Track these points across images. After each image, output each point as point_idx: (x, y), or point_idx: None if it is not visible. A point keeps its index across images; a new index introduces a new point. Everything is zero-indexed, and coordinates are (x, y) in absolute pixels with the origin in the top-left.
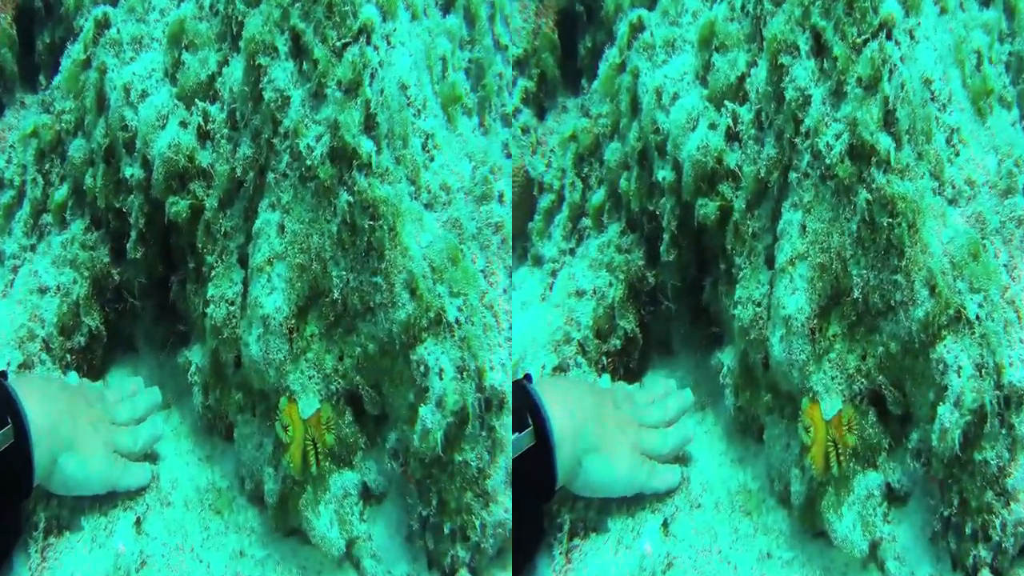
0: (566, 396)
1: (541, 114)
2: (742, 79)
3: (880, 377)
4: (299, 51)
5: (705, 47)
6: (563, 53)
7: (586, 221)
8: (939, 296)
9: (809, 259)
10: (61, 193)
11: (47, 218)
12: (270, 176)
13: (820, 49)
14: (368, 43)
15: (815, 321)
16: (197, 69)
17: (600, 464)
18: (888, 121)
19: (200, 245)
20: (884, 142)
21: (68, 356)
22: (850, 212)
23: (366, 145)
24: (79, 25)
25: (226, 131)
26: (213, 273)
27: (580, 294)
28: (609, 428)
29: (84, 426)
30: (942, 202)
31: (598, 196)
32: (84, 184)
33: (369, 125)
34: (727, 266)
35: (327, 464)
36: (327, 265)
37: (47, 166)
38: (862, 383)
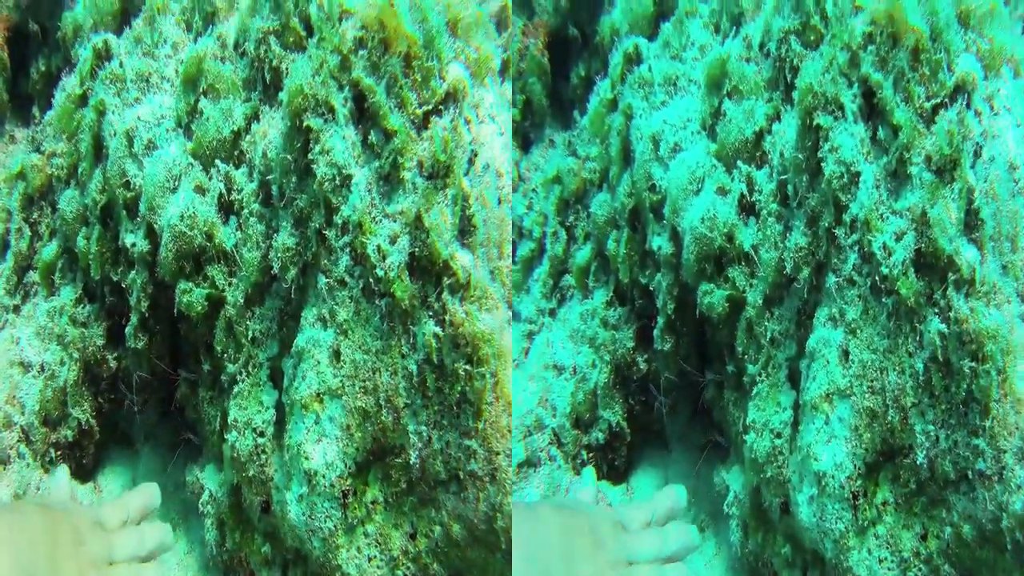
0: (526, 531)
1: (526, 146)
2: (760, 136)
3: (946, 567)
4: (364, 115)
5: (714, 90)
6: (554, 80)
7: (569, 279)
8: None
9: (853, 399)
10: (50, 251)
11: (33, 276)
12: (321, 280)
13: (873, 111)
14: (460, 113)
15: (859, 483)
16: (218, 122)
17: None
18: (971, 223)
19: (219, 348)
20: (967, 253)
21: (52, 451)
22: (915, 344)
23: (463, 257)
24: (77, 54)
25: (256, 206)
26: (236, 389)
27: (559, 370)
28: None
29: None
30: None
31: (583, 254)
32: (76, 245)
33: (465, 228)
34: (737, 370)
35: None
36: (400, 415)
37: (35, 215)
38: (920, 570)
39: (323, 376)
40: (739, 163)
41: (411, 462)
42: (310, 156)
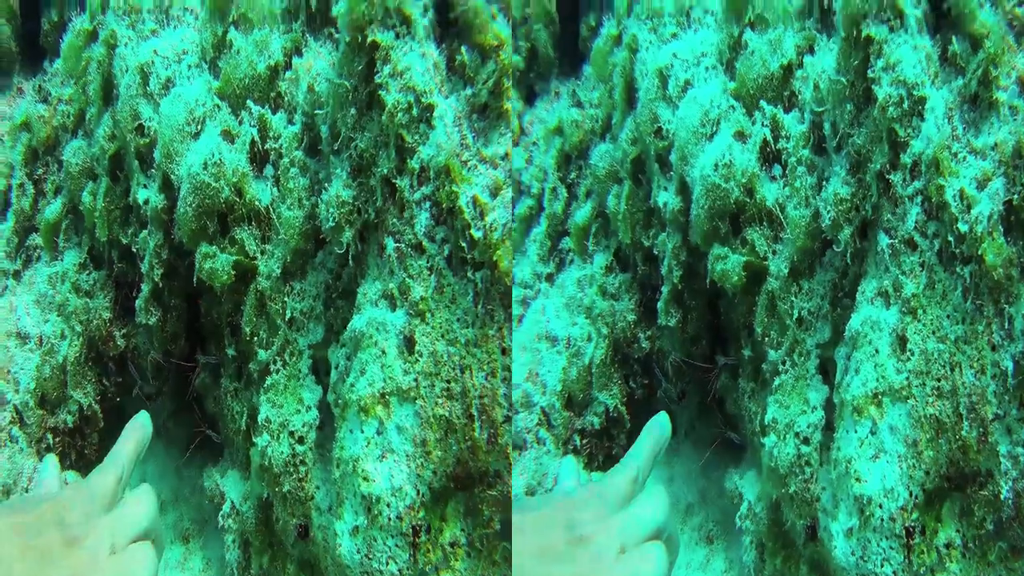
0: None
1: (531, 98)
2: (789, 72)
3: None
4: (451, 30)
5: (734, 19)
6: (563, 32)
7: (568, 242)
8: None
9: (912, 404)
10: (53, 210)
11: (36, 238)
12: (389, 244)
13: (942, 22)
14: None
15: (915, 516)
16: (251, 56)
17: None
18: None
19: (248, 329)
20: None
21: (50, 437)
22: (1001, 333)
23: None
24: None
25: (298, 155)
26: (269, 381)
27: (551, 341)
28: None
29: None
30: None
31: (583, 213)
32: (82, 202)
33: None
34: (755, 355)
35: None
36: (500, 432)
37: (40, 171)
38: None
39: (390, 371)
40: (762, 103)
41: (513, 495)
42: (377, 80)
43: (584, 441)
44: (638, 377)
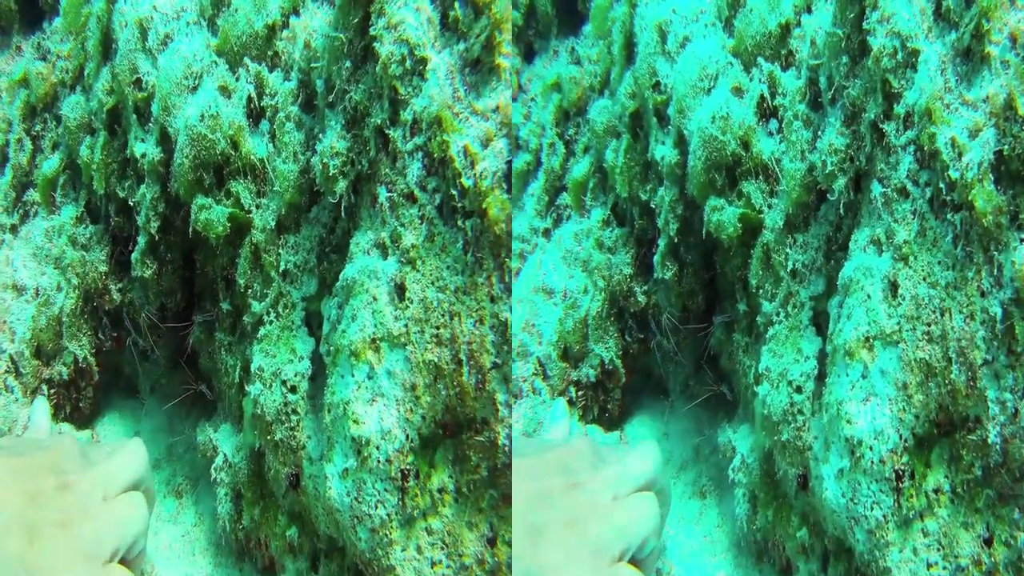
0: None
1: (530, 56)
2: (786, 30)
3: None
4: None
5: None
6: None
7: (566, 197)
8: None
9: (903, 348)
10: (51, 164)
11: (34, 194)
12: (381, 193)
13: None
14: None
15: (905, 459)
16: (249, 14)
17: None
18: None
19: (242, 281)
20: None
21: (45, 389)
22: (991, 280)
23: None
24: None
25: (294, 110)
26: (262, 332)
27: (548, 293)
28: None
29: (51, 539)
30: None
31: (581, 168)
32: (79, 156)
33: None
34: (750, 309)
35: None
36: (487, 378)
37: (38, 127)
38: None
39: (381, 317)
40: (760, 60)
41: (500, 442)
42: (372, 33)
43: (579, 393)
44: (634, 332)
